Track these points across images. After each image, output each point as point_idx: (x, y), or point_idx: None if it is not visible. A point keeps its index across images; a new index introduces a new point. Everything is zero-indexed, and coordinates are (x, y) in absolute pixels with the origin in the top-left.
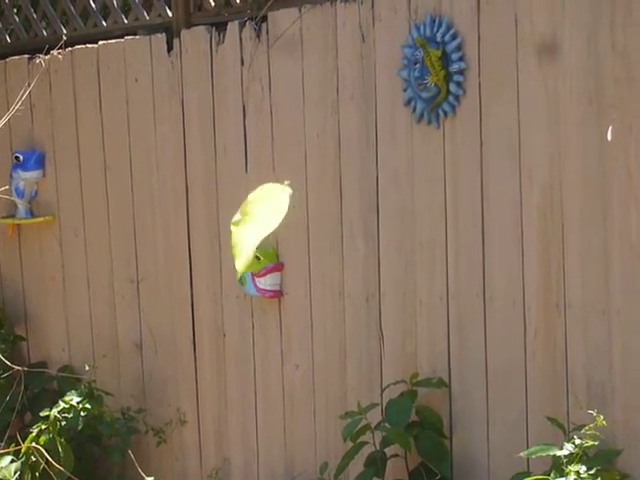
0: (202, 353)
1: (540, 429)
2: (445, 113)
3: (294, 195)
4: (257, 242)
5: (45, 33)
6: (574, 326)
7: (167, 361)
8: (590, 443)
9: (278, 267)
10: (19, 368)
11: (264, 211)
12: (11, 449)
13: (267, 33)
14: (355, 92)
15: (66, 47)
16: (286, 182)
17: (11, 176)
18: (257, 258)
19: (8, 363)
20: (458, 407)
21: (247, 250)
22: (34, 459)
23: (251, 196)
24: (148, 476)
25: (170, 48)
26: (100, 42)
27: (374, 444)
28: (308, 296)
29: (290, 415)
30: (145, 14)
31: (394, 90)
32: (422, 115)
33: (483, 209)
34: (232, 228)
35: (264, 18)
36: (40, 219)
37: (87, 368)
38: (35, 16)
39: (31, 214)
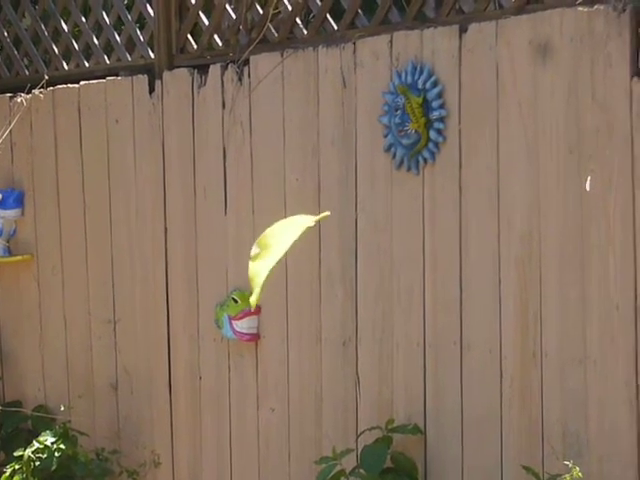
0: (178, 395)
1: (515, 478)
2: (425, 160)
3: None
4: (265, 275)
5: (27, 72)
6: (550, 375)
7: (142, 402)
8: None
9: (255, 310)
10: None
11: (280, 244)
12: None
13: (249, 77)
14: (335, 137)
15: (47, 86)
16: (325, 214)
17: None
18: (234, 301)
19: None
20: (433, 454)
21: (259, 284)
22: None
23: (269, 230)
24: None
25: (152, 89)
26: (82, 82)
27: None
28: (285, 340)
29: (265, 459)
30: (127, 55)
31: (374, 136)
32: (402, 161)
33: (461, 257)
34: (250, 263)
35: (246, 62)
36: (18, 258)
37: (62, 408)
38: (17, 55)
39: (9, 252)
